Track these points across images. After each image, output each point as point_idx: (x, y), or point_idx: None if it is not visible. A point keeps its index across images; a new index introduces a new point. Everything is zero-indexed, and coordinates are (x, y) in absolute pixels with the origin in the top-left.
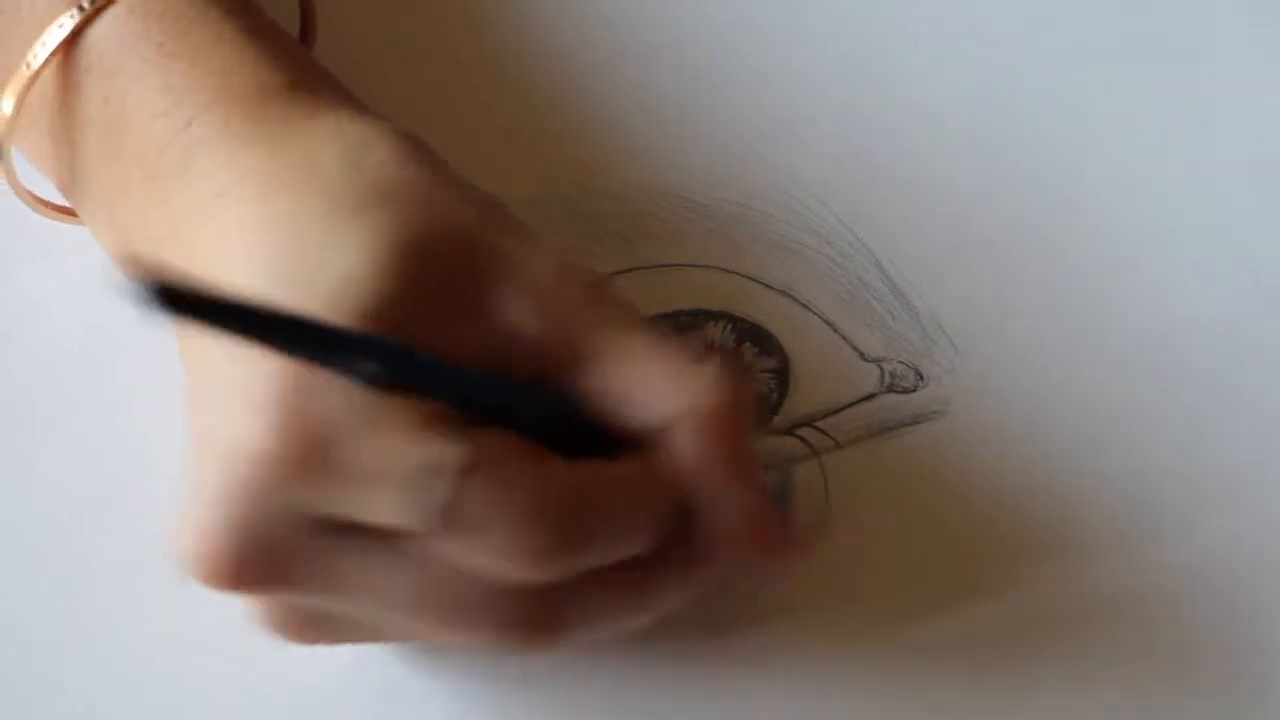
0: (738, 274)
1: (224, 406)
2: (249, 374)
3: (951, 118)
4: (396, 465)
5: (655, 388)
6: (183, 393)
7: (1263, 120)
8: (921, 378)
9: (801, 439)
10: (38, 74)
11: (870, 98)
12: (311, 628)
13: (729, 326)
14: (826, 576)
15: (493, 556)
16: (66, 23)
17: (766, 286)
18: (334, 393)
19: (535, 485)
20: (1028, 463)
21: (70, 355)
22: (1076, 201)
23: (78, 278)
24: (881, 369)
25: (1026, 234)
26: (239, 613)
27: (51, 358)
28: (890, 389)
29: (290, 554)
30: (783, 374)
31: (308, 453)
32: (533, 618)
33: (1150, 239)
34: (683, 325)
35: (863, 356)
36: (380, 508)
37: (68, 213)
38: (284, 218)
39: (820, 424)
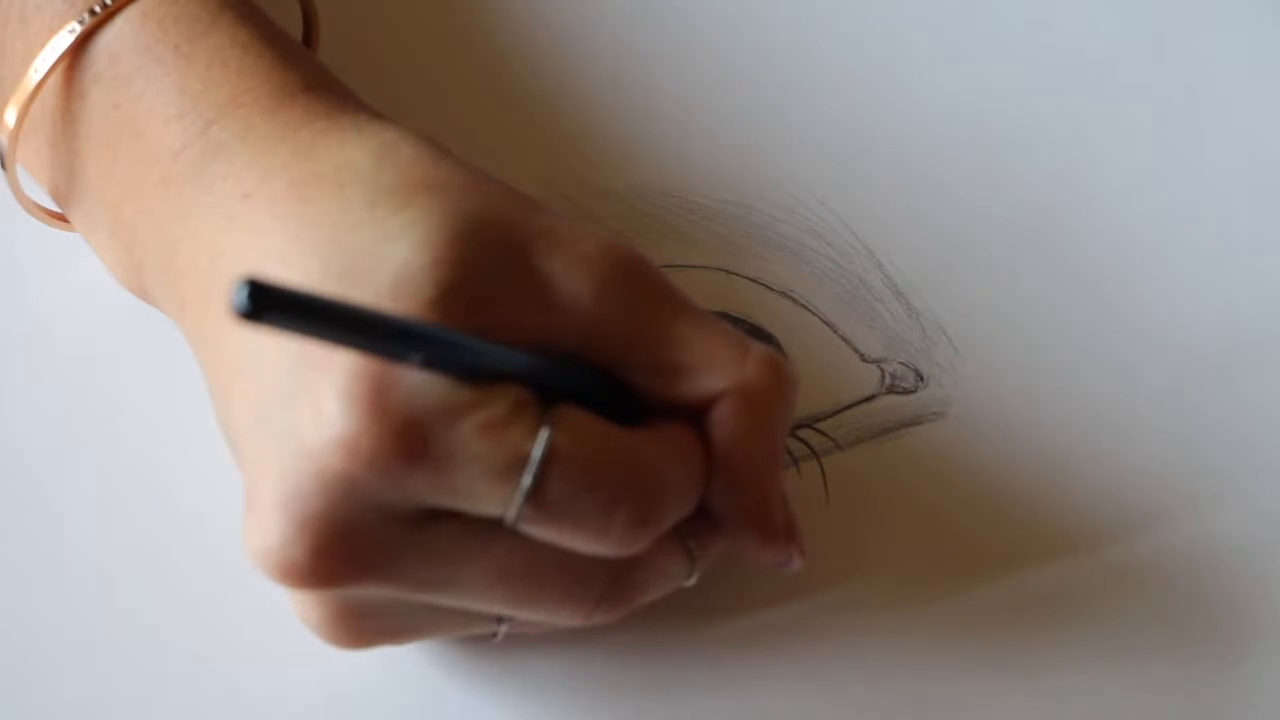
0: (738, 275)
1: (298, 397)
2: (330, 371)
3: (952, 119)
4: (483, 455)
5: (708, 362)
6: (224, 396)
7: (1263, 120)
8: (922, 379)
9: (802, 440)
10: (43, 83)
11: (871, 98)
12: (371, 627)
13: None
14: (827, 576)
15: (583, 537)
16: (76, 28)
17: (766, 287)
18: (419, 384)
19: (617, 465)
20: (1028, 463)
21: (74, 361)
22: (1077, 202)
23: (83, 285)
24: (882, 370)
25: (1027, 235)
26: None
27: (56, 364)
28: (890, 390)
29: (379, 544)
30: None
31: (398, 443)
32: (611, 588)
33: (1150, 239)
34: None
35: (863, 357)
36: (470, 497)
37: (67, 220)
38: (328, 215)
39: (820, 425)
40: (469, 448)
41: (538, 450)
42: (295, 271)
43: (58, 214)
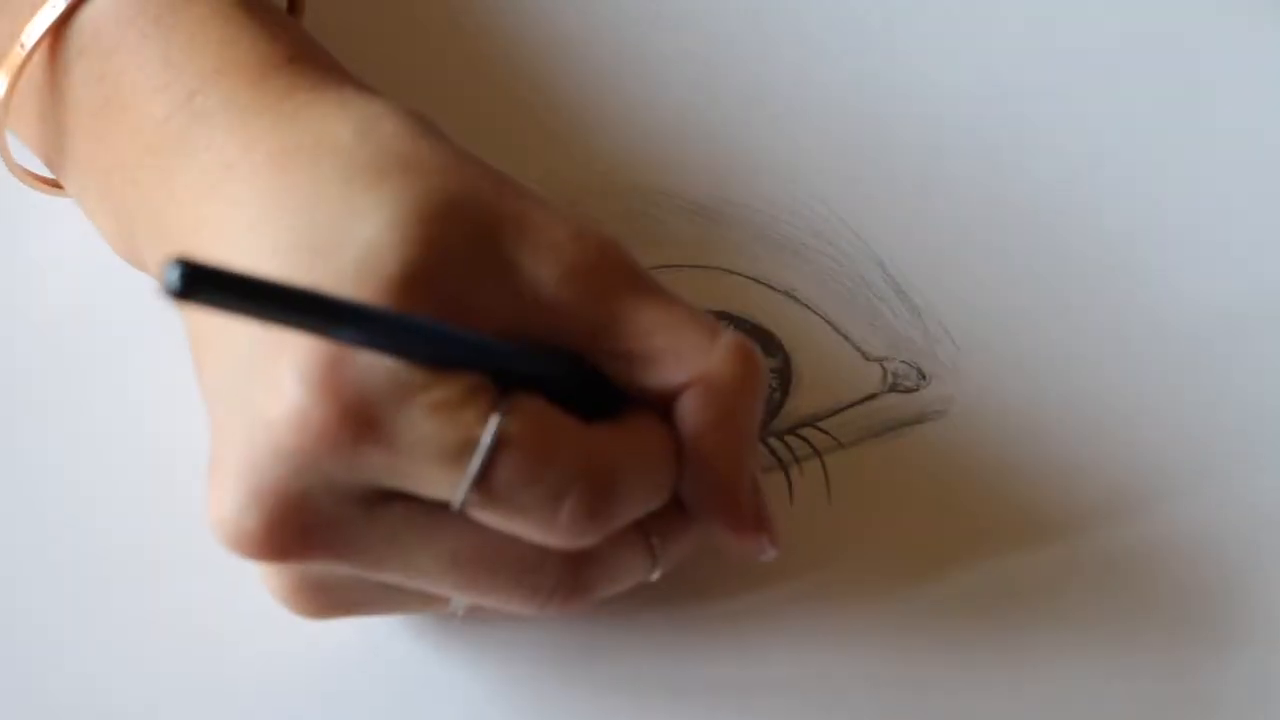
0: (739, 274)
1: (257, 376)
2: (286, 344)
3: (953, 117)
4: (432, 439)
5: (674, 351)
6: (198, 365)
7: (1263, 120)
8: (924, 377)
9: (804, 439)
10: (31, 54)
11: (871, 97)
12: (330, 600)
13: (730, 327)
14: (828, 575)
15: (530, 526)
16: (59, 3)
17: (768, 287)
18: (374, 366)
19: (569, 456)
20: (1030, 460)
21: (64, 330)
22: (1077, 200)
23: (75, 251)
24: (884, 368)
25: (1028, 233)
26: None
27: (45, 334)
28: (893, 388)
29: (330, 520)
30: (785, 374)
31: (348, 421)
32: (563, 580)
33: (1151, 236)
34: None
35: (865, 356)
36: (418, 479)
37: (60, 186)
38: (301, 188)
39: (823, 424)
40: (418, 429)
41: (486, 436)
42: (265, 243)
43: (51, 180)
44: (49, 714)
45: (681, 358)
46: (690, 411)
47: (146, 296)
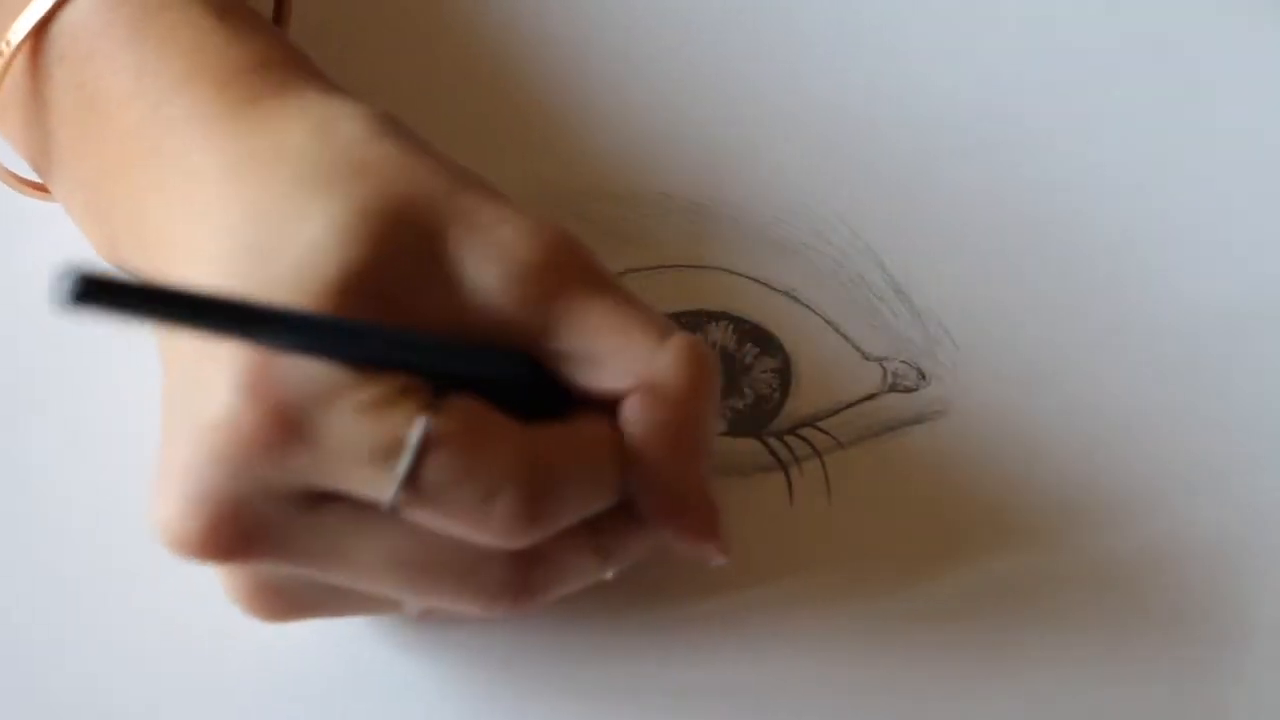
0: (739, 274)
1: (196, 382)
2: (220, 351)
3: (953, 117)
4: (360, 440)
5: (619, 353)
6: (163, 366)
7: (1263, 119)
8: (924, 377)
9: (804, 439)
10: (13, 56)
11: (871, 97)
12: (283, 602)
13: (730, 327)
14: (828, 575)
15: (464, 526)
16: (40, 6)
17: (768, 287)
18: (302, 369)
19: (501, 456)
20: (1029, 460)
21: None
22: (1077, 199)
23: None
24: (883, 368)
25: (1028, 232)
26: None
27: (45, 334)
28: (892, 388)
29: (265, 523)
30: (784, 374)
31: (277, 426)
32: (509, 581)
33: (1151, 236)
34: (683, 326)
35: (864, 356)
36: (348, 479)
37: (48, 191)
38: (248, 195)
39: (822, 424)
40: (345, 430)
41: (414, 435)
42: (220, 250)
43: (39, 185)
44: (49, 714)
45: (626, 360)
46: (634, 416)
47: None
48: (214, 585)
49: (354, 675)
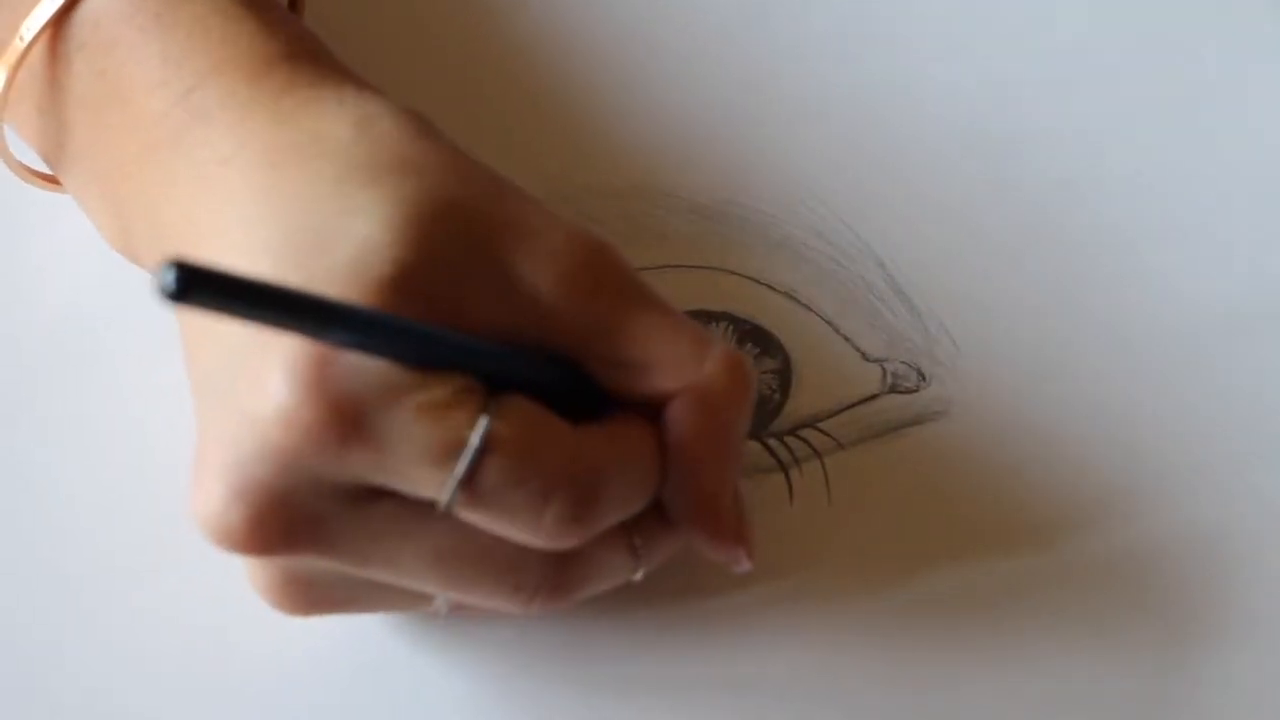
0: (739, 274)
1: (244, 374)
2: (271, 343)
3: (953, 117)
4: (420, 440)
5: (667, 360)
6: (188, 359)
7: (1263, 119)
8: (924, 378)
9: (804, 440)
10: (30, 47)
11: (871, 97)
12: (314, 596)
13: (730, 327)
14: (828, 576)
15: (516, 527)
16: None
17: (768, 287)
18: (362, 366)
19: (555, 459)
20: (1030, 461)
21: (64, 330)
22: (1078, 200)
23: (75, 251)
24: (884, 369)
25: (1028, 233)
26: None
27: (45, 333)
28: (893, 389)
29: (315, 516)
30: (784, 375)
31: (336, 423)
32: (546, 579)
33: (1151, 237)
34: None
35: (865, 357)
36: (405, 478)
37: (58, 182)
38: (295, 186)
39: (822, 425)
40: (406, 429)
41: (475, 437)
42: (258, 241)
43: (48, 176)
44: (49, 714)
45: (674, 366)
46: (679, 420)
47: (146, 295)
48: (214, 585)
49: (354, 675)
